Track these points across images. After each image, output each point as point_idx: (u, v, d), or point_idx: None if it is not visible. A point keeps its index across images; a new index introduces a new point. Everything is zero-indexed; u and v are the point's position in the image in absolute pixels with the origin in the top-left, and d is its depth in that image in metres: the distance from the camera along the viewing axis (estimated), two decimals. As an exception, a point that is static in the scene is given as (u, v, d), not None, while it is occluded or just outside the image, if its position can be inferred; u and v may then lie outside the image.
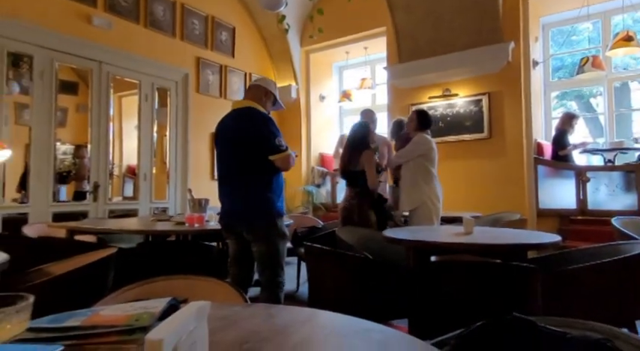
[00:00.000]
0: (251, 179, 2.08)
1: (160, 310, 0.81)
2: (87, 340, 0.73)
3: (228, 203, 2.17)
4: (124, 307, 0.84)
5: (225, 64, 5.37)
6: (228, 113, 2.27)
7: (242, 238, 2.09)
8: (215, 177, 5.19)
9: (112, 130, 4.37)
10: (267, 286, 2.07)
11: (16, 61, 3.79)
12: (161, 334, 0.51)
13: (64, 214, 3.85)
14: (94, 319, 0.77)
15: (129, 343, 0.73)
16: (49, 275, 1.82)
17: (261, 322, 0.85)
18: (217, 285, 1.32)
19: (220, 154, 2.25)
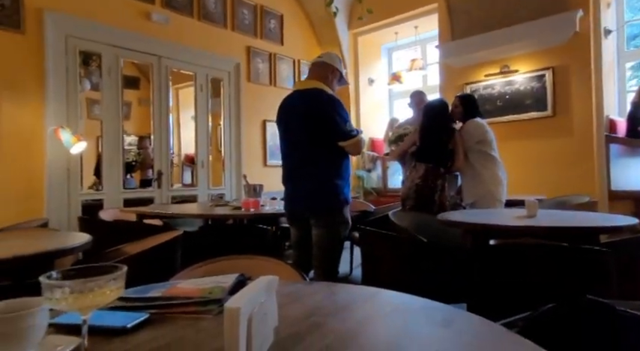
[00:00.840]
0: (318, 165, 2.03)
1: (229, 285, 0.86)
2: (167, 310, 0.80)
3: (293, 189, 2.14)
4: (197, 282, 0.91)
5: (275, 52, 5.44)
6: (290, 94, 2.21)
7: (306, 224, 2.11)
8: (267, 163, 5.34)
9: (171, 121, 4.61)
10: (322, 270, 2.10)
11: (86, 59, 4.10)
12: (238, 304, 0.55)
13: (133, 200, 4.17)
14: (172, 291, 0.84)
15: (204, 313, 0.80)
16: (125, 254, 1.99)
17: (324, 299, 0.88)
18: (277, 265, 1.37)
19: (284, 138, 2.19)
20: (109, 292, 0.56)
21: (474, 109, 3.17)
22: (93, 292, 0.55)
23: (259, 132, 5.29)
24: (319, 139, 2.05)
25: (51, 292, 0.54)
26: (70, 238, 1.82)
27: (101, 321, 0.71)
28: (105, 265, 0.59)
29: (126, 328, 0.71)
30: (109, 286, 0.56)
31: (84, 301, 0.55)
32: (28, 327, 0.58)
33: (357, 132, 2.16)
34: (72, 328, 0.69)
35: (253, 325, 0.57)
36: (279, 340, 0.66)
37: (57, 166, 3.55)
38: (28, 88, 3.41)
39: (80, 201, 3.75)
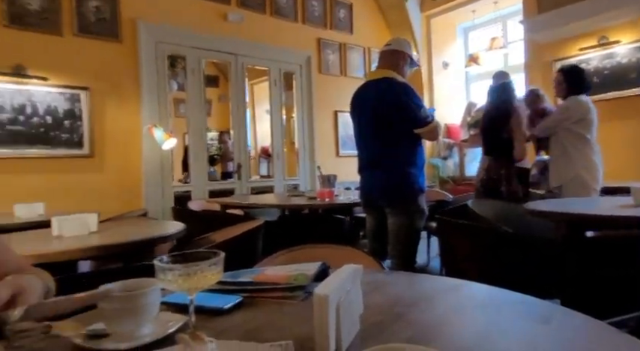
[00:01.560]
0: (392, 154, 2.05)
1: (313, 273, 0.90)
2: (257, 294, 0.86)
3: (368, 178, 2.17)
4: (282, 269, 0.96)
5: (344, 42, 5.42)
6: (362, 85, 2.23)
7: (381, 213, 2.12)
8: (340, 153, 5.38)
9: (248, 115, 4.85)
10: (399, 259, 2.09)
11: (172, 62, 4.46)
12: (326, 291, 0.58)
13: (216, 191, 4.48)
14: (261, 277, 0.90)
15: (290, 299, 0.84)
16: (212, 242, 2.16)
17: (406, 289, 0.88)
18: (355, 254, 1.39)
19: (358, 128, 2.22)
20: (211, 275, 0.62)
21: (580, 84, 2.77)
22: (198, 275, 0.61)
23: (331, 122, 5.34)
24: (393, 129, 2.04)
25: (164, 274, 0.61)
26: (167, 227, 2.02)
27: (202, 302, 0.78)
28: (206, 251, 0.65)
29: (223, 309, 0.77)
30: (211, 270, 0.62)
31: (191, 283, 0.61)
32: (146, 304, 0.67)
33: (433, 118, 2.11)
34: (179, 307, 0.77)
35: (341, 312, 0.59)
36: (365, 328, 0.67)
37: (152, 162, 3.93)
38: (126, 91, 3.81)
39: (172, 192, 4.13)
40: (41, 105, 3.35)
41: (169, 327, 0.68)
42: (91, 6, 3.60)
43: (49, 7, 3.38)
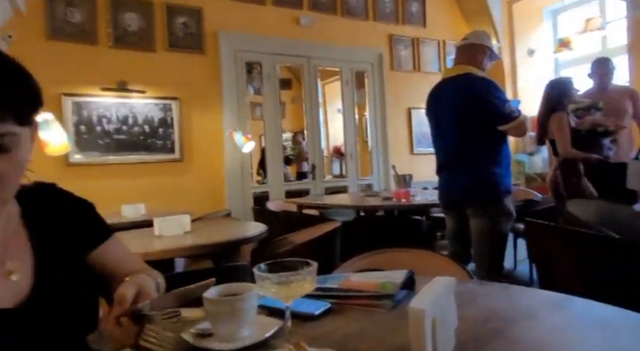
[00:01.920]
0: (475, 152, 1.95)
1: (401, 281, 0.88)
2: (344, 300, 0.87)
3: (448, 178, 2.09)
4: (368, 275, 0.96)
5: (417, 36, 5.25)
6: (438, 83, 2.16)
7: (462, 215, 2.03)
8: (414, 151, 5.24)
9: (320, 116, 4.92)
10: (483, 266, 1.97)
11: (249, 68, 4.69)
12: (423, 305, 0.56)
13: (292, 192, 4.63)
14: (347, 283, 0.91)
15: (378, 307, 0.84)
16: (292, 243, 2.23)
17: (501, 302, 0.83)
18: (439, 259, 1.35)
19: (436, 127, 2.15)
20: (307, 284, 0.64)
21: None
22: (294, 284, 0.63)
23: (405, 120, 5.22)
24: (474, 127, 1.94)
25: (262, 281, 0.65)
26: (251, 228, 2.14)
27: (292, 306, 0.81)
28: (300, 260, 0.68)
29: (314, 315, 0.80)
30: (307, 280, 0.64)
31: (287, 291, 0.64)
32: (246, 307, 0.71)
33: (519, 112, 1.96)
34: (270, 310, 0.81)
35: (437, 326, 0.58)
36: (461, 343, 0.64)
37: (233, 164, 4.18)
38: (209, 98, 4.09)
39: (251, 193, 4.35)
40: (140, 115, 3.73)
41: (266, 331, 0.72)
42: (179, 22, 3.93)
43: (145, 27, 3.75)
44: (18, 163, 0.57)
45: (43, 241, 0.69)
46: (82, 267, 0.74)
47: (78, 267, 0.73)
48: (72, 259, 0.72)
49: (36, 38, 3.31)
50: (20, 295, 0.63)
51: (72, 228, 0.74)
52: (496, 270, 1.94)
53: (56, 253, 0.69)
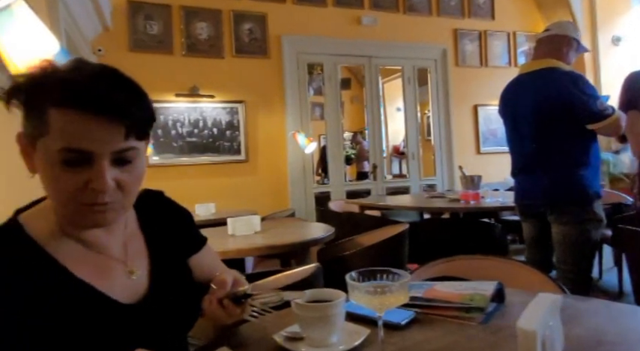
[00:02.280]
0: (559, 153, 1.80)
1: (491, 293, 0.84)
2: (429, 310, 0.85)
3: (527, 181, 1.94)
4: (453, 285, 0.92)
5: (484, 29, 4.99)
6: (515, 79, 2.00)
7: (542, 220, 1.89)
8: (480, 150, 4.99)
9: (382, 115, 4.86)
10: (567, 276, 1.81)
11: (310, 69, 4.75)
12: (533, 325, 0.53)
13: (352, 192, 4.62)
14: (431, 292, 0.88)
15: (467, 320, 0.80)
16: (360, 245, 2.22)
17: (609, 322, 0.76)
18: (521, 268, 1.26)
19: (513, 126, 2.00)
20: (401, 296, 0.63)
21: None
22: (388, 295, 0.63)
23: (470, 118, 4.99)
24: (559, 126, 1.79)
25: (355, 290, 0.65)
26: (318, 229, 2.16)
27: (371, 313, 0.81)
28: (391, 270, 0.67)
29: (400, 325, 0.78)
30: (399, 292, 0.63)
31: (381, 301, 0.63)
32: (336, 314, 0.72)
33: (613, 110, 1.78)
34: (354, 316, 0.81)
35: (547, 348, 0.54)
36: (569, 366, 0.60)
37: (295, 165, 4.26)
38: (273, 101, 4.21)
39: (313, 193, 4.41)
40: (209, 119, 3.93)
41: (355, 339, 0.72)
42: (245, 28, 4.08)
43: (214, 35, 3.95)
44: (137, 174, 0.63)
45: (156, 245, 0.75)
46: (187, 269, 0.79)
47: (184, 269, 0.78)
48: (179, 262, 0.78)
49: (121, 50, 3.61)
50: (139, 293, 0.69)
51: (177, 234, 0.80)
52: (583, 281, 1.78)
53: (167, 255, 0.76)
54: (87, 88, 0.56)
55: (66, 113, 0.55)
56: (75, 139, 0.55)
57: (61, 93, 0.55)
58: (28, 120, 0.59)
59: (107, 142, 0.57)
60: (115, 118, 0.56)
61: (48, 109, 0.56)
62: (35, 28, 1.05)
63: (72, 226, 0.64)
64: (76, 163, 0.56)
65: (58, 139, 0.56)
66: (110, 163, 0.58)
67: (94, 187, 0.57)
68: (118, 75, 0.60)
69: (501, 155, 4.98)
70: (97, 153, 0.57)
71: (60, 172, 0.57)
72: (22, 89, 0.58)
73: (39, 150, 0.58)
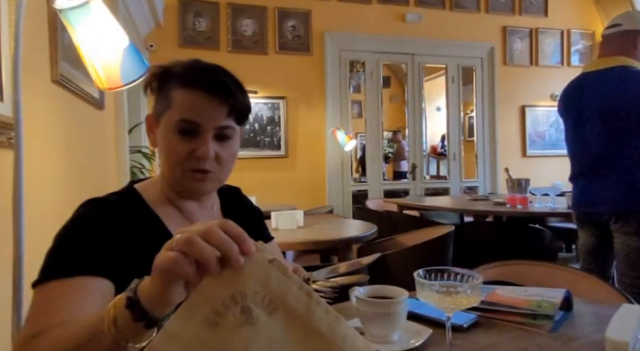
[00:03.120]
0: (628, 158, 1.68)
1: (559, 301, 0.80)
2: (492, 314, 0.82)
3: (589, 187, 1.82)
4: (515, 290, 0.88)
5: (536, 27, 4.77)
6: (579, 78, 1.86)
7: (603, 229, 1.77)
8: (527, 153, 4.79)
9: (423, 114, 4.76)
10: (629, 289, 1.69)
11: (350, 67, 4.72)
12: (624, 336, 0.50)
13: (390, 191, 4.56)
14: (494, 297, 0.85)
15: (533, 327, 0.77)
16: (401, 245, 2.19)
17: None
18: (584, 278, 1.20)
19: (575, 127, 1.87)
20: (472, 298, 0.61)
21: None
22: (459, 295, 0.61)
23: (517, 119, 4.79)
24: (629, 128, 1.66)
25: (424, 289, 0.63)
26: (360, 227, 2.15)
27: (436, 315, 0.79)
28: (461, 271, 0.65)
29: (463, 327, 0.76)
30: (471, 293, 0.61)
31: (451, 301, 0.61)
32: (398, 312, 0.70)
33: None
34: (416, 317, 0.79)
35: (638, 363, 0.50)
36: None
37: (333, 162, 4.26)
38: (314, 97, 4.22)
39: (350, 190, 4.39)
40: (251, 114, 3.99)
41: (417, 338, 0.71)
42: (289, 25, 4.11)
43: (259, 32, 4.01)
44: (232, 152, 0.74)
45: None
46: None
47: None
48: None
49: (171, 47, 3.74)
50: None
51: (250, 227, 0.82)
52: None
53: None
54: (204, 73, 0.71)
55: (186, 91, 0.69)
56: (190, 112, 0.69)
57: (185, 76, 0.70)
58: (157, 100, 0.74)
59: (213, 118, 0.70)
60: (222, 98, 0.70)
61: (173, 90, 0.70)
62: (109, 24, 1.10)
63: (176, 193, 0.75)
64: (187, 132, 0.69)
65: (177, 112, 0.70)
66: (213, 138, 0.70)
67: (198, 155, 0.69)
68: (226, 70, 0.74)
69: (549, 159, 4.77)
70: (204, 126, 0.69)
71: (175, 139, 0.70)
72: (156, 77, 0.74)
73: (161, 123, 0.72)
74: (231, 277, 0.37)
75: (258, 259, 0.39)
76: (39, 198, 1.31)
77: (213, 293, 0.37)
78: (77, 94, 1.76)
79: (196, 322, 0.36)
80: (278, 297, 0.38)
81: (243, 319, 0.37)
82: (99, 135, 2.17)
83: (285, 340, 0.37)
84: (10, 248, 0.91)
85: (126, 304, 0.42)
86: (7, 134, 1.16)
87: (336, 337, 0.38)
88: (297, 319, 0.38)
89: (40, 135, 1.37)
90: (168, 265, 0.39)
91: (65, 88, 1.63)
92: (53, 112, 1.56)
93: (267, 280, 0.38)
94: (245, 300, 0.37)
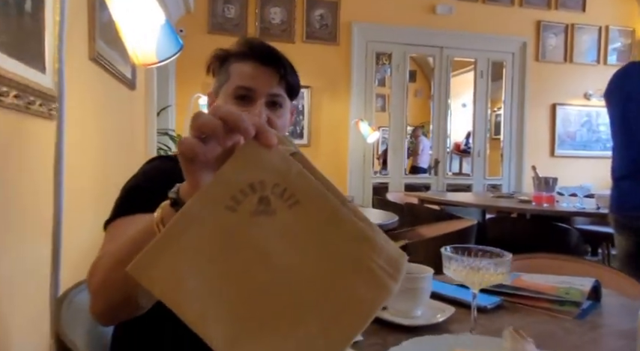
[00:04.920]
0: None
1: (588, 289, 0.79)
2: (517, 299, 0.81)
3: (635, 188, 1.70)
4: (541, 277, 0.87)
5: (572, 23, 4.60)
6: (628, 67, 1.74)
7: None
8: (555, 153, 4.65)
9: (449, 110, 4.67)
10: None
11: (376, 60, 4.68)
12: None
13: (410, 186, 4.53)
14: (519, 282, 0.84)
15: (561, 313, 0.76)
16: (421, 236, 2.18)
17: None
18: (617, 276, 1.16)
19: (621, 121, 1.75)
20: (499, 275, 0.61)
21: None
22: (483, 272, 0.60)
23: (547, 117, 4.65)
24: None
25: (449, 263, 0.63)
26: (381, 215, 2.15)
27: (461, 295, 0.79)
28: (488, 249, 0.64)
29: (486, 308, 0.76)
30: (501, 270, 0.60)
31: (476, 277, 0.61)
32: (422, 287, 0.71)
33: None
34: (439, 296, 0.79)
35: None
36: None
37: (356, 153, 4.25)
38: (339, 88, 4.21)
39: (371, 182, 4.38)
40: (276, 102, 4.02)
41: (441, 315, 0.71)
42: (317, 14, 4.10)
43: (287, 20, 4.01)
44: (283, 120, 0.81)
45: None
46: None
47: None
48: None
49: (200, 32, 3.79)
50: None
51: None
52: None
53: None
54: (260, 47, 0.81)
55: (242, 63, 0.79)
56: (245, 80, 0.78)
57: (242, 51, 0.80)
58: (217, 78, 0.83)
59: (266, 85, 0.78)
60: (274, 68, 0.78)
61: (232, 64, 0.80)
62: (146, 2, 1.13)
63: None
64: (243, 98, 0.78)
65: (234, 81, 0.79)
66: (265, 104, 0.77)
67: None
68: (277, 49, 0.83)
69: (578, 160, 4.63)
70: (258, 91, 0.77)
71: (231, 105, 0.77)
72: (217, 58, 0.83)
73: (220, 95, 0.81)
74: (250, 166, 0.36)
75: (279, 151, 0.37)
76: (76, 166, 1.36)
77: (232, 180, 0.36)
78: (112, 72, 1.81)
79: (216, 206, 0.36)
80: (300, 191, 0.36)
81: (261, 209, 0.35)
82: (129, 114, 2.23)
83: (306, 235, 0.36)
84: (51, 212, 0.95)
85: (170, 203, 0.44)
86: (48, 106, 1.21)
87: (364, 240, 0.35)
88: (321, 215, 0.36)
89: (78, 108, 1.42)
90: (183, 150, 0.39)
91: (101, 66, 1.68)
92: (89, 88, 1.61)
93: (287, 173, 0.36)
94: (264, 190, 0.36)
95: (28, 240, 1.08)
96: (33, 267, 1.06)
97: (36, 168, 1.13)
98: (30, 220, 1.09)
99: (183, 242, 0.35)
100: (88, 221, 1.47)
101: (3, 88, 0.98)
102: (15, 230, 1.02)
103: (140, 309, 0.54)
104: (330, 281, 0.35)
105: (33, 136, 1.15)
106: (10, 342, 0.97)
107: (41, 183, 1.08)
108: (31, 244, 1.08)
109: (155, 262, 0.35)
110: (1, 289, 0.95)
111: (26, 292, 1.05)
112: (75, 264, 1.13)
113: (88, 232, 1.46)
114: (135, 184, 0.74)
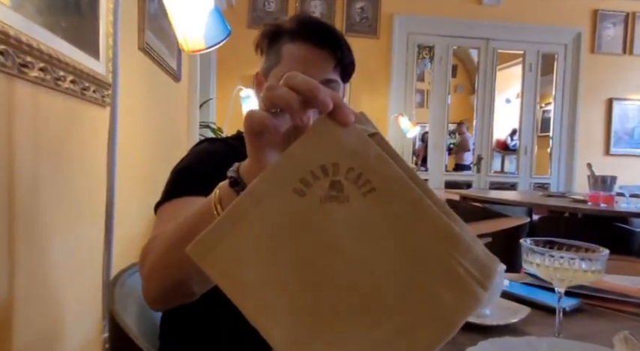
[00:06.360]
0: None
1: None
2: (598, 302, 0.73)
3: None
4: (624, 279, 0.78)
5: (634, 11, 4.27)
6: None
7: None
8: (610, 151, 4.35)
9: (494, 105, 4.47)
10: None
11: (417, 54, 4.54)
12: None
13: (451, 183, 4.37)
14: (600, 283, 0.76)
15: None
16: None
17: None
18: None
19: None
20: (591, 273, 0.53)
21: None
22: (575, 268, 0.53)
23: (602, 113, 4.35)
24: None
25: (532, 257, 0.57)
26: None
27: (537, 296, 0.72)
28: (575, 243, 0.57)
29: (565, 310, 0.68)
30: (590, 267, 0.53)
31: (564, 274, 0.54)
32: (495, 283, 0.64)
33: None
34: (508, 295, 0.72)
35: None
36: None
37: (395, 148, 4.13)
38: (378, 82, 4.12)
39: (410, 180, 4.26)
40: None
41: (514, 316, 0.64)
42: (357, 7, 4.03)
43: (327, 13, 3.97)
44: None
45: None
46: None
47: None
48: None
49: (240, 27, 3.81)
50: None
51: None
52: None
53: None
54: (316, 25, 0.74)
55: (295, 45, 0.73)
56: (297, 65, 0.71)
57: (296, 30, 0.73)
58: (267, 58, 0.77)
59: (320, 70, 0.72)
60: (330, 50, 0.72)
61: (283, 45, 0.74)
62: (196, -15, 1.12)
63: None
64: None
65: (286, 66, 0.72)
66: None
67: None
68: (333, 27, 0.76)
69: (637, 159, 4.30)
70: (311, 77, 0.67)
71: None
72: (267, 35, 0.77)
73: (269, 79, 0.75)
74: (324, 146, 0.32)
75: (356, 130, 0.33)
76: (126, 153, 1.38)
77: (302, 160, 0.32)
78: (159, 63, 1.84)
79: (283, 188, 0.32)
80: (377, 177, 0.32)
81: (332, 195, 0.32)
82: (174, 105, 2.27)
83: (382, 227, 0.31)
84: (104, 195, 0.96)
85: (230, 182, 0.42)
86: (102, 92, 1.23)
87: (449, 237, 0.31)
88: (400, 206, 0.31)
89: (128, 96, 1.44)
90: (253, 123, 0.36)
91: (149, 56, 1.71)
92: (138, 77, 1.64)
93: (364, 156, 0.32)
94: (337, 174, 0.32)
95: (83, 223, 1.10)
96: (87, 249, 1.08)
97: (90, 154, 1.15)
98: (85, 204, 1.11)
99: (246, 225, 0.32)
100: (135, 207, 1.49)
101: (60, 73, 0.99)
102: (71, 213, 1.04)
103: (193, 295, 0.51)
104: (409, 281, 0.31)
105: (88, 121, 1.17)
106: (64, 321, 1.00)
107: (95, 169, 1.10)
108: (86, 227, 1.10)
109: (217, 244, 0.32)
110: (58, 270, 0.97)
111: (80, 274, 1.07)
112: (125, 248, 1.15)
113: (135, 218, 1.49)
114: (186, 165, 0.72)
